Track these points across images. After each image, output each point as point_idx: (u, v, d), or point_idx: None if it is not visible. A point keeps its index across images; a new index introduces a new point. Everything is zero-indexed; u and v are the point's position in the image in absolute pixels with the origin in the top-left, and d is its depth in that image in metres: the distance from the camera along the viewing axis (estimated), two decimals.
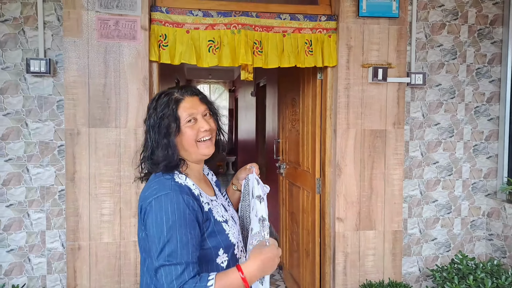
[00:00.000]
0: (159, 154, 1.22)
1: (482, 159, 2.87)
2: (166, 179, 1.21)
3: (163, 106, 1.24)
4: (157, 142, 1.23)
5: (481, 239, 2.91)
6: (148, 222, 1.14)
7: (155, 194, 1.16)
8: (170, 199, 1.15)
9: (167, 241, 1.10)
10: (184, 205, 1.15)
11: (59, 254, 2.40)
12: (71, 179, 2.29)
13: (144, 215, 1.17)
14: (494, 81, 2.84)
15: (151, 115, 1.26)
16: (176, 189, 1.18)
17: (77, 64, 2.27)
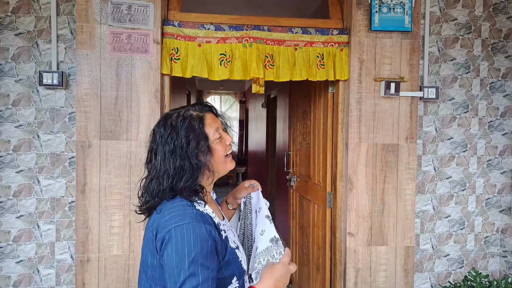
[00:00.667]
0: (185, 179, 1.11)
1: (496, 174, 2.75)
2: (187, 206, 1.11)
3: (187, 126, 1.13)
4: (182, 167, 1.11)
5: (495, 255, 2.78)
6: (167, 252, 1.04)
7: (176, 223, 1.06)
8: (193, 229, 1.05)
9: (188, 275, 1.01)
10: (207, 236, 1.07)
11: (68, 266, 2.34)
12: (81, 191, 2.23)
13: (162, 243, 1.06)
14: (508, 95, 2.73)
15: (169, 140, 1.12)
16: (199, 219, 1.08)
17: (90, 77, 2.23)
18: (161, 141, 1.14)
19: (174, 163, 1.11)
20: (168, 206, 1.13)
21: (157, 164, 1.14)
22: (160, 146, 1.14)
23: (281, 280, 1.15)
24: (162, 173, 1.13)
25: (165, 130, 1.15)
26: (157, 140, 1.16)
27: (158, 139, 1.16)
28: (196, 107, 1.20)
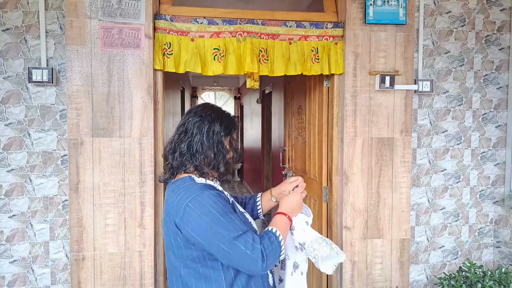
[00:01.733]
0: (216, 158, 1.26)
1: (489, 166, 2.69)
2: (189, 184, 1.22)
3: (229, 122, 1.31)
4: (218, 148, 1.26)
5: (488, 246, 2.72)
6: (196, 221, 1.14)
7: (187, 198, 1.16)
8: (207, 195, 1.17)
9: (226, 221, 1.13)
10: (219, 197, 1.19)
11: (63, 265, 2.24)
12: (74, 189, 2.13)
13: (186, 221, 1.15)
14: (501, 88, 2.66)
15: (214, 120, 1.28)
16: (206, 187, 1.20)
17: (80, 73, 2.11)
18: (207, 119, 1.27)
19: (216, 143, 1.27)
20: (175, 190, 1.23)
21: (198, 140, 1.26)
22: (204, 123, 1.27)
23: (295, 203, 1.34)
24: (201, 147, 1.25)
25: (213, 113, 1.30)
26: (203, 117, 1.28)
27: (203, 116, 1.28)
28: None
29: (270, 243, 1.17)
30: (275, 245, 1.18)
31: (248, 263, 1.12)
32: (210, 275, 1.19)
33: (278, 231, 1.21)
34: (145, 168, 2.19)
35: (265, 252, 1.14)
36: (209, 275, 1.19)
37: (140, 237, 2.20)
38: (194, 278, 1.20)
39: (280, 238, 1.20)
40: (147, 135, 2.18)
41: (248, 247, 1.12)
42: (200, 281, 1.20)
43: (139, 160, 2.18)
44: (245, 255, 1.11)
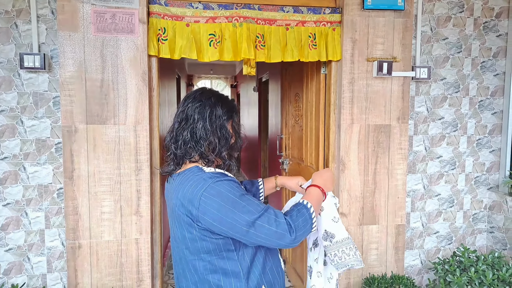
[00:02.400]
0: (220, 143, 1.21)
1: (485, 153, 2.67)
2: (200, 174, 1.17)
3: (230, 105, 1.27)
4: (222, 132, 1.22)
5: (482, 231, 2.73)
6: (214, 209, 1.10)
7: (201, 188, 1.13)
8: (221, 182, 1.14)
9: (246, 204, 1.11)
10: (233, 182, 1.16)
11: (59, 253, 2.21)
12: (69, 177, 2.08)
13: (203, 211, 1.11)
14: (498, 75, 2.62)
15: (215, 104, 1.23)
16: (217, 175, 1.16)
17: (73, 59, 2.04)
18: (207, 104, 1.22)
19: (219, 127, 1.22)
20: (184, 181, 1.18)
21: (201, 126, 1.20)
22: (205, 108, 1.21)
23: (328, 181, 1.34)
24: (204, 133, 1.20)
25: (213, 97, 1.25)
26: (204, 101, 1.23)
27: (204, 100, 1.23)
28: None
29: (300, 215, 1.15)
30: (306, 217, 1.16)
31: (276, 239, 1.11)
32: (227, 267, 1.17)
33: (309, 204, 1.20)
34: (140, 155, 2.14)
35: (293, 224, 1.12)
36: (225, 266, 1.17)
37: (137, 225, 2.17)
38: (210, 271, 1.18)
39: (312, 210, 1.19)
40: (142, 122, 2.13)
41: (272, 224, 1.11)
42: (217, 274, 1.17)
43: (135, 148, 2.13)
44: (271, 232, 1.10)
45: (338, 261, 1.28)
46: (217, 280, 1.17)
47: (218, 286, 1.17)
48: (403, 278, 2.34)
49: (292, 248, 2.68)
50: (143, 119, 2.13)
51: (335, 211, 1.32)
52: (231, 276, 1.17)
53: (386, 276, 2.39)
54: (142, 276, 2.20)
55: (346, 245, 1.30)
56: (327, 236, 1.30)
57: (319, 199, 1.26)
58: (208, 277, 1.17)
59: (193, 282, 1.20)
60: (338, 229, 1.30)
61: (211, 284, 1.18)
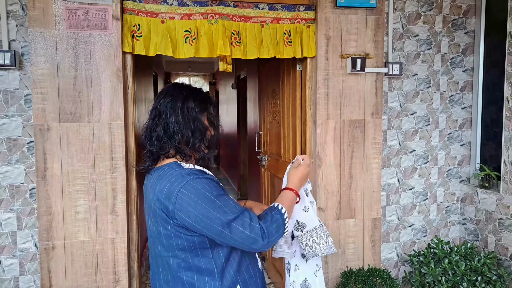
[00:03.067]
0: (199, 139, 1.23)
1: (456, 146, 2.81)
2: (178, 170, 1.18)
3: (203, 97, 1.28)
4: (195, 125, 1.22)
5: (455, 223, 2.87)
6: (191, 206, 1.11)
7: (179, 185, 1.13)
8: (199, 179, 1.15)
9: (222, 204, 1.13)
10: (211, 180, 1.18)
11: (32, 255, 2.19)
12: (42, 177, 2.08)
13: (179, 207, 1.12)
14: (467, 71, 2.77)
15: (186, 98, 1.24)
16: (196, 172, 1.18)
17: (45, 56, 2.04)
18: (179, 98, 1.23)
19: (192, 120, 1.22)
20: (162, 176, 1.19)
21: (174, 120, 1.21)
22: (177, 102, 1.23)
23: (304, 179, 1.35)
24: (177, 127, 1.21)
25: (185, 90, 1.26)
26: (175, 95, 1.24)
27: (175, 94, 1.24)
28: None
29: (273, 220, 1.17)
30: (279, 223, 1.18)
31: (249, 242, 1.13)
32: (201, 265, 1.18)
33: (284, 208, 1.21)
34: (116, 154, 2.16)
35: (267, 230, 1.14)
36: (199, 264, 1.18)
37: (113, 224, 2.18)
38: (184, 269, 1.18)
39: (285, 215, 1.21)
40: (117, 120, 2.15)
41: (246, 227, 1.12)
42: (190, 272, 1.18)
43: (110, 146, 2.15)
44: (244, 235, 1.12)
45: (309, 250, 1.32)
46: (191, 278, 1.18)
47: (191, 284, 1.18)
48: (380, 270, 2.44)
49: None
50: (118, 116, 2.15)
51: (306, 200, 1.36)
52: (205, 274, 1.18)
53: (363, 269, 2.48)
54: (118, 277, 2.21)
55: (317, 234, 1.34)
56: (299, 226, 1.34)
57: (292, 202, 1.28)
58: (182, 275, 1.18)
59: (166, 280, 1.21)
60: (309, 218, 1.34)
61: (184, 282, 1.18)
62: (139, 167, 1.31)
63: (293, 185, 1.31)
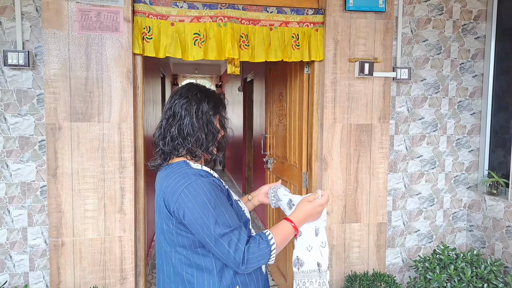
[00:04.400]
0: (207, 138, 1.26)
1: (464, 152, 2.84)
2: (185, 169, 1.22)
3: (216, 100, 1.30)
4: (208, 128, 1.26)
5: (462, 230, 2.89)
6: (188, 209, 1.15)
7: (183, 184, 1.17)
8: (202, 182, 1.18)
9: (217, 215, 1.15)
10: (215, 185, 1.20)
11: (42, 251, 2.28)
12: (53, 175, 2.16)
13: (178, 206, 1.16)
14: (477, 76, 2.80)
15: (201, 100, 1.27)
16: (202, 174, 1.21)
17: (58, 56, 2.13)
18: (193, 99, 1.27)
19: (206, 123, 1.26)
20: (169, 174, 1.24)
21: (188, 122, 1.25)
22: (191, 104, 1.26)
23: (312, 217, 1.29)
24: (191, 129, 1.25)
25: (199, 92, 1.29)
26: (190, 98, 1.27)
27: (190, 96, 1.27)
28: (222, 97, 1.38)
29: (258, 249, 1.16)
30: (263, 253, 1.17)
31: (229, 261, 1.15)
32: (201, 263, 1.21)
33: (273, 239, 1.19)
34: (124, 153, 2.24)
35: (247, 256, 1.14)
36: (199, 262, 1.21)
37: (120, 223, 2.26)
38: (185, 265, 1.22)
39: (273, 247, 1.19)
40: (126, 120, 2.23)
41: (231, 247, 1.13)
42: (191, 268, 1.22)
43: (119, 146, 2.23)
44: (227, 253, 1.14)
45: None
46: (191, 275, 1.21)
47: (190, 282, 1.21)
48: (385, 275, 2.48)
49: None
50: (128, 117, 2.22)
51: (312, 239, 1.30)
52: (205, 272, 1.21)
53: (368, 274, 2.52)
54: (125, 274, 2.28)
55: (311, 278, 1.31)
56: (297, 263, 1.31)
57: (287, 236, 1.25)
58: (182, 271, 1.22)
59: (168, 275, 1.26)
60: (310, 259, 1.30)
61: (183, 279, 1.22)
62: (150, 163, 1.35)
63: (295, 218, 1.26)
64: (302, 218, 1.27)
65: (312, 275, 1.29)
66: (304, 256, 1.29)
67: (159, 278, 1.32)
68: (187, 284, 1.22)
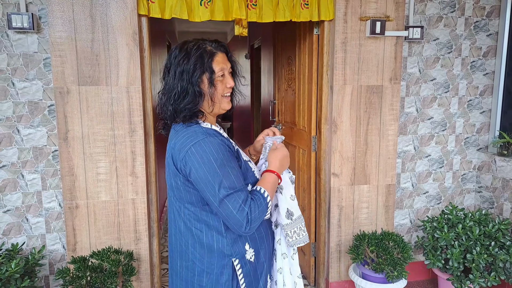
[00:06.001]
0: (187, 101, 1.20)
1: (475, 114, 2.77)
2: (194, 128, 1.20)
3: (198, 56, 1.21)
4: (186, 89, 1.20)
5: (471, 191, 2.87)
6: (194, 167, 1.14)
7: (191, 142, 1.16)
8: (210, 141, 1.16)
9: (222, 176, 1.13)
10: (224, 145, 1.19)
11: (57, 214, 2.30)
12: (64, 139, 2.15)
13: (185, 163, 1.15)
14: (491, 35, 2.68)
15: (180, 62, 1.20)
16: (210, 133, 1.20)
17: (62, 18, 2.06)
18: (174, 62, 1.22)
19: (181, 84, 1.20)
20: (178, 132, 1.22)
21: (169, 80, 1.23)
22: (173, 66, 1.22)
23: (285, 160, 1.33)
24: (171, 90, 1.21)
25: (179, 53, 1.22)
26: (172, 60, 1.23)
27: (172, 59, 1.23)
28: (213, 44, 1.26)
29: (257, 206, 1.16)
30: (262, 208, 1.18)
31: (232, 223, 1.14)
32: (209, 220, 1.21)
33: (266, 192, 1.21)
34: (134, 117, 2.21)
35: (251, 216, 1.14)
36: (207, 219, 1.21)
37: (132, 185, 2.26)
38: (194, 220, 1.22)
39: (268, 199, 1.20)
40: (134, 84, 2.18)
41: (235, 208, 1.12)
42: (200, 224, 1.22)
43: (128, 109, 2.19)
44: (231, 215, 1.13)
45: (296, 237, 1.33)
46: (199, 230, 1.22)
47: (199, 237, 1.22)
48: (393, 234, 2.48)
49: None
50: (135, 80, 2.18)
51: (292, 189, 1.36)
52: (213, 229, 1.22)
53: (376, 233, 2.53)
54: (139, 235, 2.31)
55: (301, 222, 1.36)
56: (289, 214, 1.34)
57: (274, 185, 1.27)
58: (192, 226, 1.23)
59: (179, 228, 1.27)
60: (295, 206, 1.35)
61: (193, 234, 1.23)
62: (158, 127, 1.34)
63: (273, 167, 1.29)
64: (278, 164, 1.30)
65: (300, 221, 1.36)
66: (291, 205, 1.35)
67: (171, 232, 1.33)
68: (197, 239, 1.23)
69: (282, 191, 1.35)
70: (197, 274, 1.24)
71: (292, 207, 1.35)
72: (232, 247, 1.23)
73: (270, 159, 1.32)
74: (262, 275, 1.32)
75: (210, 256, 1.22)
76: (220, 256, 1.22)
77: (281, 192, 1.35)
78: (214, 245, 1.22)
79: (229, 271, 1.22)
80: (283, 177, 1.34)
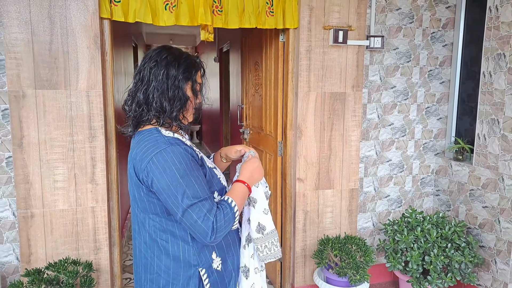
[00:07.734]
0: (176, 103, 1.20)
1: (433, 120, 2.91)
2: (156, 137, 1.18)
3: (187, 64, 1.22)
4: (174, 92, 1.19)
5: (429, 195, 3.01)
6: (156, 178, 1.12)
7: (152, 152, 1.14)
8: (172, 151, 1.14)
9: (185, 185, 1.11)
10: (186, 154, 1.16)
11: (11, 223, 2.20)
12: (18, 145, 2.06)
13: (147, 173, 1.14)
14: (447, 45, 2.83)
15: (170, 64, 1.20)
16: (172, 142, 1.17)
17: (18, 19, 1.99)
18: (161, 62, 1.20)
19: (168, 85, 1.19)
20: (139, 141, 1.20)
21: (150, 77, 1.19)
22: (160, 65, 1.19)
23: (256, 171, 1.31)
24: (156, 95, 1.18)
25: (169, 55, 1.21)
26: (158, 58, 1.20)
27: (159, 58, 1.20)
28: (197, 59, 1.30)
29: (223, 215, 1.14)
30: (229, 218, 1.16)
31: (197, 232, 1.12)
32: (174, 230, 1.19)
33: (234, 202, 1.19)
34: (94, 122, 2.15)
35: (216, 225, 1.12)
36: (173, 229, 1.20)
37: (92, 193, 2.20)
38: (159, 231, 1.20)
39: (236, 209, 1.18)
40: (95, 88, 2.13)
41: (200, 217, 1.10)
42: (165, 234, 1.20)
43: (88, 114, 2.14)
44: (195, 224, 1.11)
45: (267, 252, 1.34)
46: (165, 241, 1.20)
47: (165, 247, 1.20)
48: (356, 238, 2.56)
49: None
50: (96, 84, 2.13)
51: (266, 202, 1.36)
52: (179, 239, 1.20)
53: (340, 237, 2.60)
54: (99, 244, 2.25)
55: (274, 236, 1.35)
56: (260, 229, 1.33)
57: (244, 196, 1.25)
58: (157, 237, 1.21)
59: (144, 240, 1.24)
60: (268, 221, 1.35)
61: (159, 245, 1.21)
62: (121, 129, 1.30)
63: (244, 177, 1.28)
64: (248, 175, 1.29)
65: (273, 235, 1.36)
66: (264, 219, 1.34)
67: (135, 244, 1.30)
68: (163, 249, 1.21)
69: (255, 204, 1.34)
70: (162, 287, 1.22)
71: (264, 221, 1.33)
72: (198, 257, 1.21)
73: (241, 169, 1.32)
74: (231, 284, 1.31)
75: (176, 266, 1.20)
76: (186, 267, 1.20)
77: (253, 206, 1.34)
78: (180, 255, 1.20)
79: (195, 282, 1.21)
80: (258, 190, 1.33)
